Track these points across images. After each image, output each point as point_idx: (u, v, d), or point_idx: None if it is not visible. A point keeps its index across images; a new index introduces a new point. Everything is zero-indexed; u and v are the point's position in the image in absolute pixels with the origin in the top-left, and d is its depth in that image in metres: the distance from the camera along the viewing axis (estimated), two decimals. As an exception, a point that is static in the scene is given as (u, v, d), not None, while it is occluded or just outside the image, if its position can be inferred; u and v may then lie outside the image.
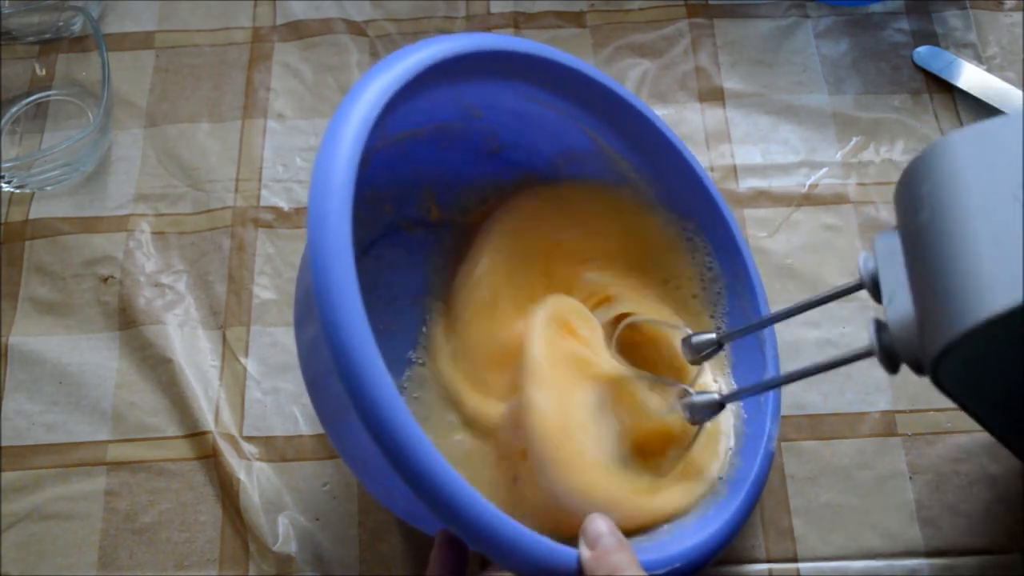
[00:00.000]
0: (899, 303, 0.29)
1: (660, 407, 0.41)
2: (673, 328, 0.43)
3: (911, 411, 0.46)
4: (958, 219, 0.27)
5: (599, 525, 0.32)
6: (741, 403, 0.43)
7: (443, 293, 0.46)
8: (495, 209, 0.47)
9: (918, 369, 0.29)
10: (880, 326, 0.30)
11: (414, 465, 0.28)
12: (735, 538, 0.39)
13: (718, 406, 0.38)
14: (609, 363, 0.41)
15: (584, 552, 0.31)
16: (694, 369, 0.43)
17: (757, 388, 0.37)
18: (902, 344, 0.29)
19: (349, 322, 0.29)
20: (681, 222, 0.46)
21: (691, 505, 0.39)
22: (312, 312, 0.31)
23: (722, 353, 0.44)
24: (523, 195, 0.47)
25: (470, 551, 0.34)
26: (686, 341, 0.41)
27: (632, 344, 0.44)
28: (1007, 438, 0.35)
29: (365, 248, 0.46)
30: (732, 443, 0.42)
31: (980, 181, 0.27)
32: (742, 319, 0.44)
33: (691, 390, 0.40)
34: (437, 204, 0.48)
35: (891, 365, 0.30)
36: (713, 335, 0.40)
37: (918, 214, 0.28)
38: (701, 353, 0.40)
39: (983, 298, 0.25)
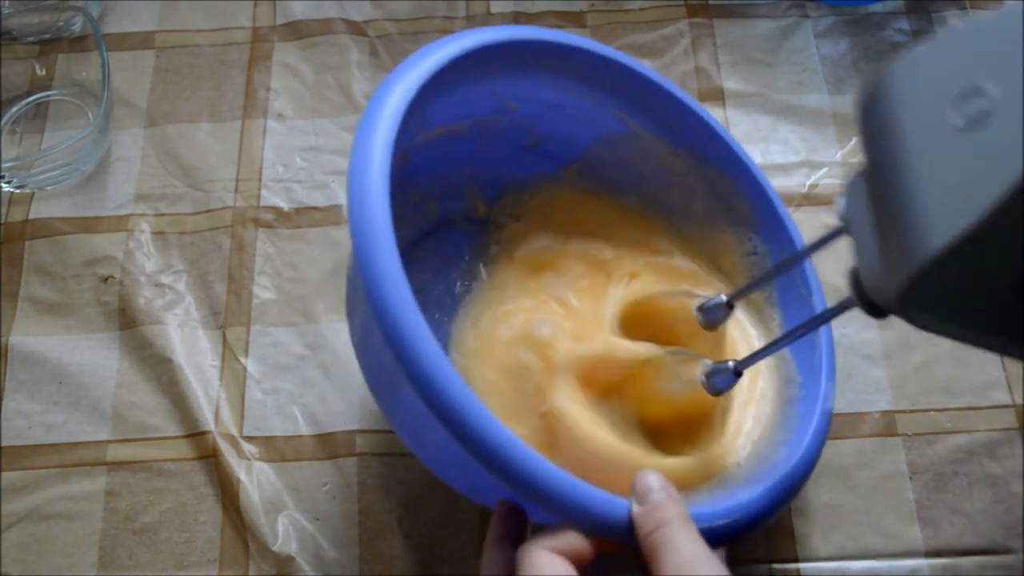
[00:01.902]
0: (864, 246, 0.28)
1: (681, 381, 0.40)
2: (687, 297, 0.42)
3: (911, 411, 0.46)
4: (898, 154, 0.26)
5: (649, 480, 0.32)
6: (795, 365, 0.42)
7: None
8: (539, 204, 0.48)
9: (891, 311, 0.28)
10: (856, 273, 0.29)
11: (467, 424, 0.29)
12: (791, 501, 0.37)
13: (734, 373, 0.37)
14: (623, 348, 0.41)
15: (634, 507, 0.31)
16: (710, 338, 0.42)
17: (764, 351, 0.36)
18: (872, 289, 0.28)
19: (397, 301, 0.30)
20: (725, 212, 0.46)
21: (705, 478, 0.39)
22: (360, 286, 0.32)
23: (774, 322, 0.43)
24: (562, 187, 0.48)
25: (528, 525, 0.34)
26: (700, 308, 0.40)
27: (652, 322, 0.43)
28: (1007, 351, 0.32)
29: (414, 242, 0.47)
30: (749, 426, 0.42)
31: (915, 112, 0.26)
32: (796, 297, 0.43)
33: (707, 360, 0.39)
34: (483, 201, 0.48)
35: (873, 311, 0.29)
36: (723, 297, 0.39)
37: (871, 153, 0.27)
38: (714, 317, 0.39)
39: (926, 236, 0.24)
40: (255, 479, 0.45)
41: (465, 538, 0.44)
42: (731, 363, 0.37)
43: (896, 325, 0.48)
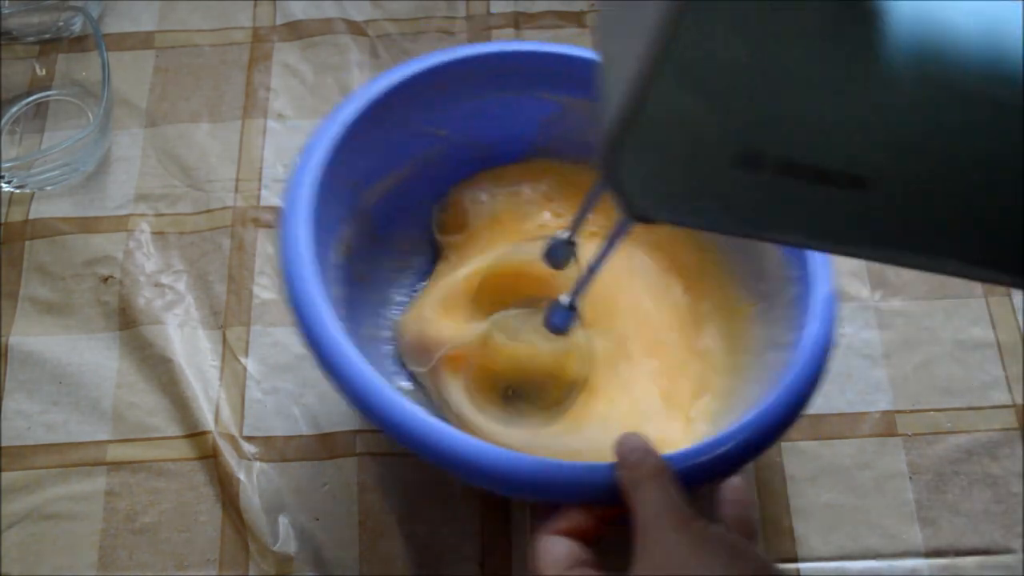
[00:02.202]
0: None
1: (526, 336, 0.40)
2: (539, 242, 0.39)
3: (911, 411, 0.46)
4: (600, 48, 0.26)
5: (628, 441, 0.32)
6: (786, 266, 0.40)
7: None
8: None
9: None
10: None
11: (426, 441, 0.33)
12: (797, 417, 0.35)
13: (568, 307, 0.35)
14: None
15: (616, 472, 0.32)
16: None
17: (587, 278, 0.34)
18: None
19: (308, 299, 0.35)
20: None
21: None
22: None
23: None
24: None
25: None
26: (545, 253, 0.37)
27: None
28: (747, 234, 0.29)
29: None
30: None
31: (610, 9, 0.26)
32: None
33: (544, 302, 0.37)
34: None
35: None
36: (565, 234, 0.36)
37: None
38: (558, 257, 0.37)
39: (604, 122, 0.23)
40: (255, 479, 0.45)
41: (465, 538, 0.44)
42: (563, 298, 0.35)
43: (896, 325, 0.49)
